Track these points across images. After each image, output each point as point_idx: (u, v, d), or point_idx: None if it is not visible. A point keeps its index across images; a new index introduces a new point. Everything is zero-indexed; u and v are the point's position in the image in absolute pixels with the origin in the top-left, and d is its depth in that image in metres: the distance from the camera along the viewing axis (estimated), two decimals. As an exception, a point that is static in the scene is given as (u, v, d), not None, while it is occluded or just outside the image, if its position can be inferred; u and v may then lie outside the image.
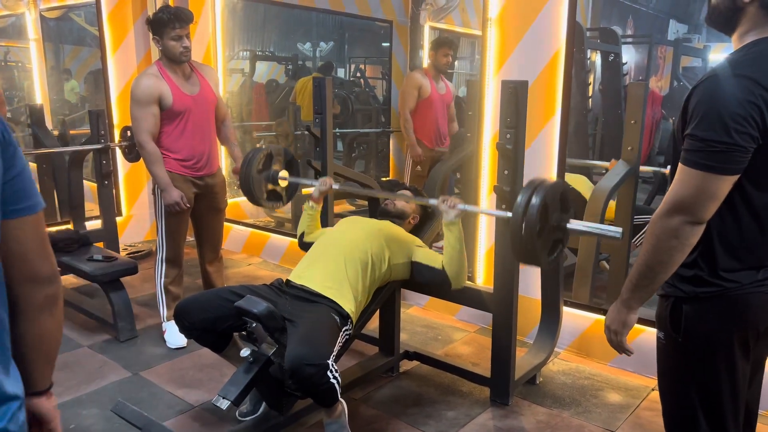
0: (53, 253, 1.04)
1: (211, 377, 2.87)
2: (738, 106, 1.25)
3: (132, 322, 3.29)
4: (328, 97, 2.98)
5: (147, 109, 2.96)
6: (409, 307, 3.77)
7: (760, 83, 1.25)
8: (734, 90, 1.26)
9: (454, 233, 2.36)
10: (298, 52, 7.99)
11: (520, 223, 1.88)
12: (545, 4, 2.94)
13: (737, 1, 1.35)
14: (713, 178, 1.29)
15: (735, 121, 1.25)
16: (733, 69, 1.29)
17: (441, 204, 2.35)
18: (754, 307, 1.42)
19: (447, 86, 4.59)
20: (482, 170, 3.30)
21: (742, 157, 1.28)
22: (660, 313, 1.52)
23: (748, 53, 1.33)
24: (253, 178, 2.70)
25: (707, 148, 1.27)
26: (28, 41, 6.35)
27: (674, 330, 1.48)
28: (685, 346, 1.47)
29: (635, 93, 3.31)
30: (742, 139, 1.25)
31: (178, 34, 2.94)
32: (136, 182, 5.06)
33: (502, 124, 2.39)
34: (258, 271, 4.51)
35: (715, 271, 1.40)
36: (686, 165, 1.32)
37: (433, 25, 5.76)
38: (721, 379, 1.45)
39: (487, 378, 2.69)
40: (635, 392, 2.79)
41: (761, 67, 1.28)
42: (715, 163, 1.28)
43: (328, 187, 2.69)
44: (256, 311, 2.06)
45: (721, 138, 1.26)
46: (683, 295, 1.45)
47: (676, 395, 1.55)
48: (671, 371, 1.55)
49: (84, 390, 2.75)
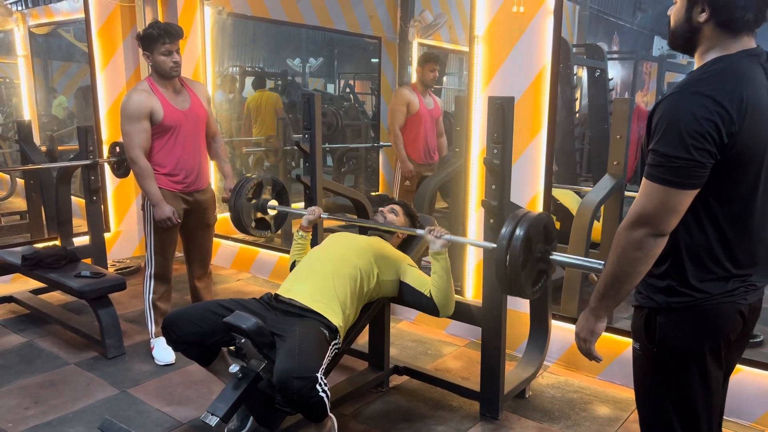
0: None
1: (200, 394, 2.85)
2: (696, 123, 1.29)
3: (120, 338, 3.27)
4: (317, 112, 3.01)
5: (138, 124, 2.96)
6: (399, 322, 3.77)
7: (717, 101, 1.29)
8: (692, 107, 1.30)
9: (441, 263, 2.37)
10: (287, 68, 8.03)
11: (505, 255, 1.91)
12: (531, 21, 2.99)
13: (693, 23, 1.40)
14: (674, 192, 1.33)
15: (693, 138, 1.29)
16: (692, 87, 1.33)
17: (428, 234, 2.37)
18: (725, 318, 1.45)
19: (435, 101, 4.62)
20: (470, 185, 3.33)
21: (701, 172, 1.32)
22: (635, 324, 1.55)
23: (707, 71, 1.37)
24: (242, 206, 2.75)
25: (668, 164, 1.32)
26: (17, 57, 6.35)
27: (649, 341, 1.50)
28: (660, 356, 1.50)
29: (621, 108, 3.36)
30: (700, 156, 1.30)
31: (168, 49, 2.95)
32: (125, 198, 5.04)
33: (489, 139, 2.42)
34: (247, 287, 4.49)
35: (686, 282, 1.43)
36: (648, 179, 1.36)
37: (421, 41, 5.83)
38: (695, 388, 1.48)
39: (477, 392, 2.69)
40: (624, 405, 2.80)
41: (719, 84, 1.32)
42: (675, 178, 1.32)
43: (317, 217, 2.71)
44: (245, 327, 2.05)
45: (679, 154, 1.30)
46: (657, 306, 1.47)
47: (652, 404, 1.57)
48: (647, 381, 1.58)
49: (71, 408, 2.73)
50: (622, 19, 9.15)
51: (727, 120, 1.29)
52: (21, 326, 3.65)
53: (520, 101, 2.97)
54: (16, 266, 3.60)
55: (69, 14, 5.89)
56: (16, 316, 3.81)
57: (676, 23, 1.46)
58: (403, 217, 2.78)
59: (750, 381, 2.60)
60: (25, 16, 6.29)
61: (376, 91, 7.00)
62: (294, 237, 2.77)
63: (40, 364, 3.16)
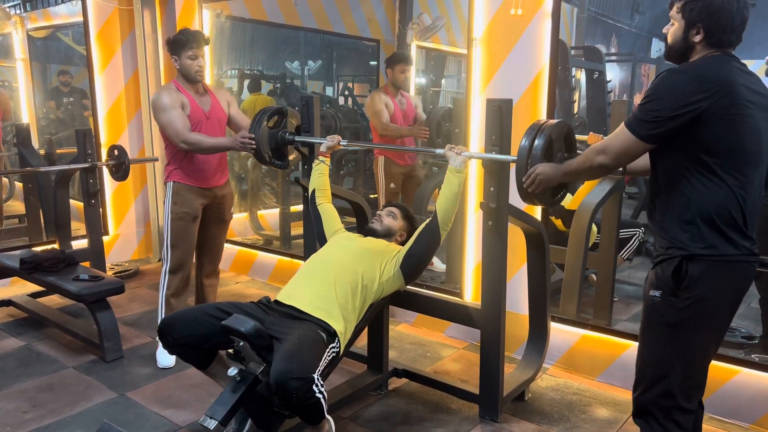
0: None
1: (198, 397, 2.85)
2: (675, 91, 1.69)
3: (118, 342, 3.26)
4: (316, 115, 3.01)
5: (175, 111, 3.07)
6: (398, 324, 3.77)
7: (694, 77, 1.68)
8: (673, 81, 1.70)
9: (458, 179, 2.47)
10: (286, 71, 8.04)
11: (524, 165, 2.06)
12: (529, 23, 2.99)
13: (688, 42, 1.77)
14: (634, 140, 1.76)
15: (672, 102, 1.69)
16: (677, 69, 1.75)
17: (448, 151, 2.50)
18: (746, 276, 1.76)
19: (408, 100, 4.51)
20: (468, 187, 3.33)
21: (661, 130, 1.70)
22: (660, 273, 1.78)
23: (692, 62, 1.78)
24: (262, 133, 2.94)
25: (642, 117, 1.74)
26: (15, 61, 6.35)
27: (675, 286, 1.73)
28: (682, 303, 1.73)
29: (619, 110, 3.36)
30: (668, 113, 1.69)
31: (195, 54, 3.11)
32: (123, 201, 5.04)
33: (488, 141, 2.42)
34: (246, 290, 4.49)
35: (718, 236, 1.69)
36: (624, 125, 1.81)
37: (419, 44, 5.83)
38: (707, 338, 1.77)
39: (476, 395, 2.69)
40: (623, 407, 2.80)
41: (697, 67, 1.73)
42: (640, 130, 1.74)
43: (336, 143, 2.87)
44: (243, 330, 2.05)
45: (654, 114, 1.71)
46: (689, 254, 1.71)
47: (657, 349, 1.82)
48: (659, 326, 1.80)
49: (69, 412, 2.72)
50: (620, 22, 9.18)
51: (701, 93, 1.64)
52: (19, 330, 3.65)
53: (518, 103, 2.97)
54: (15, 270, 3.59)
55: (67, 17, 5.90)
56: (15, 320, 3.80)
57: (674, 41, 1.80)
58: (401, 221, 2.78)
59: (749, 383, 2.59)
60: (24, 20, 6.29)
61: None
62: (313, 164, 2.91)
63: (39, 367, 3.16)
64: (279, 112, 3.07)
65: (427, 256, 2.58)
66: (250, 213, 5.52)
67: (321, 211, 2.83)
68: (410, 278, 2.57)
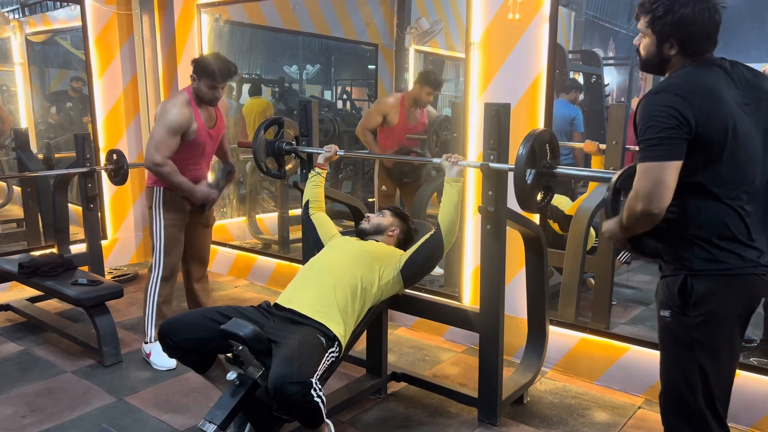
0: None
1: (197, 401, 2.84)
2: (662, 110, 1.59)
3: (117, 346, 3.26)
4: (315, 120, 3.02)
5: (174, 137, 3.05)
6: (397, 328, 3.77)
7: (677, 93, 1.59)
8: (659, 101, 1.61)
9: (456, 188, 2.49)
10: (284, 75, 8.04)
11: (522, 173, 2.14)
12: (527, 27, 3.00)
13: (663, 56, 1.71)
14: (663, 164, 1.59)
15: (663, 120, 1.60)
16: (658, 88, 1.65)
17: (444, 161, 2.51)
18: (756, 288, 1.68)
19: (421, 116, 4.42)
20: (467, 191, 3.33)
21: (680, 144, 1.58)
22: (667, 291, 1.71)
23: (672, 76, 1.69)
24: (260, 143, 2.96)
25: (653, 144, 1.60)
26: (14, 65, 6.35)
27: (683, 305, 1.66)
28: (692, 321, 1.67)
29: (616, 114, 3.37)
30: (672, 132, 1.58)
31: (215, 86, 3.08)
32: (122, 205, 5.04)
33: (486, 145, 2.42)
34: (244, 294, 4.49)
35: (721, 248, 1.63)
36: (641, 161, 1.62)
37: (417, 48, 5.84)
38: (723, 354, 1.68)
39: (475, 398, 2.69)
40: (622, 410, 2.80)
41: (680, 82, 1.64)
42: (662, 152, 1.59)
43: (333, 153, 2.85)
44: (242, 334, 2.05)
45: (658, 134, 1.59)
46: (692, 271, 1.65)
47: (678, 372, 1.72)
48: (676, 348, 1.73)
49: (67, 417, 2.71)
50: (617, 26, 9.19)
51: (686, 106, 1.56)
52: (18, 334, 3.64)
53: (516, 107, 2.98)
54: (13, 274, 3.59)
55: (66, 22, 5.90)
56: (13, 324, 3.80)
57: (648, 55, 1.74)
58: (391, 218, 2.79)
59: (748, 385, 2.60)
60: (23, 24, 6.30)
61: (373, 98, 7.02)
62: (309, 175, 2.89)
63: (37, 372, 3.15)
64: (276, 122, 3.07)
65: (429, 266, 2.59)
66: (249, 217, 5.52)
67: (314, 220, 2.85)
68: (409, 284, 2.58)
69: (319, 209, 2.88)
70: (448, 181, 2.50)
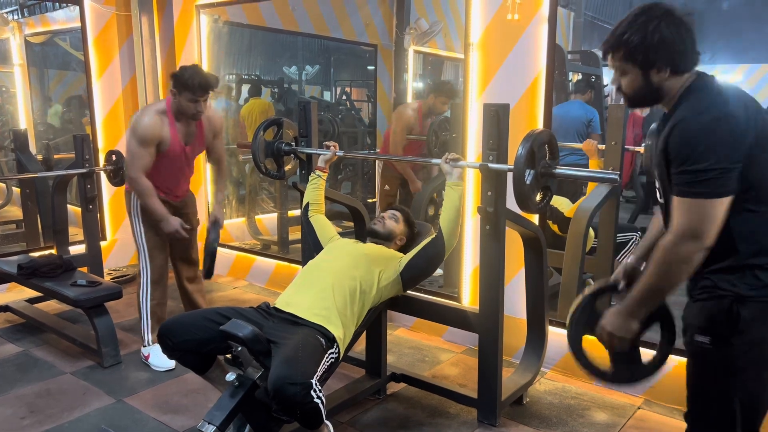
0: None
1: (197, 402, 2.84)
2: (715, 136, 1.44)
3: (116, 347, 3.25)
4: (314, 120, 3.02)
5: (146, 149, 3.02)
6: (396, 329, 3.77)
7: (726, 113, 1.46)
8: (709, 124, 1.46)
9: (457, 192, 2.49)
10: (284, 76, 8.04)
11: (522, 173, 2.14)
12: (526, 28, 3.00)
13: (654, 85, 1.57)
14: (711, 202, 1.46)
15: (719, 149, 1.44)
16: (698, 110, 1.48)
17: (444, 164, 2.50)
18: None
19: None
20: (466, 191, 3.33)
21: (731, 178, 1.45)
22: (707, 316, 1.57)
23: (701, 94, 1.52)
24: (260, 144, 2.95)
25: (702, 178, 1.45)
26: (13, 66, 6.35)
27: (729, 332, 1.53)
28: (737, 348, 1.54)
29: (615, 115, 3.38)
30: (727, 163, 1.44)
31: (196, 99, 2.99)
32: (121, 206, 4.99)
33: (485, 146, 2.42)
34: (244, 295, 4.49)
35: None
36: (685, 197, 1.48)
37: (417, 49, 5.85)
38: (766, 378, 1.56)
39: (474, 399, 2.69)
40: (621, 411, 2.80)
41: (720, 98, 1.50)
42: (711, 189, 1.45)
43: (333, 154, 2.83)
44: (241, 335, 2.05)
45: (711, 167, 1.44)
46: (740, 296, 1.52)
47: (718, 401, 1.60)
48: (717, 376, 1.59)
49: (67, 418, 2.71)
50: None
51: (741, 125, 1.44)
52: (17, 335, 3.64)
53: (515, 108, 2.98)
54: (12, 275, 3.58)
55: (65, 23, 5.90)
56: (12, 326, 3.79)
57: (636, 90, 1.59)
58: (403, 225, 2.79)
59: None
60: (22, 25, 6.30)
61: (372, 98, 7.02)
62: (310, 178, 2.88)
63: (36, 373, 3.15)
64: (276, 122, 3.07)
65: (429, 270, 2.59)
66: (248, 218, 5.52)
67: (313, 222, 2.84)
68: (408, 286, 2.59)
69: (319, 212, 2.87)
70: (449, 185, 2.50)
